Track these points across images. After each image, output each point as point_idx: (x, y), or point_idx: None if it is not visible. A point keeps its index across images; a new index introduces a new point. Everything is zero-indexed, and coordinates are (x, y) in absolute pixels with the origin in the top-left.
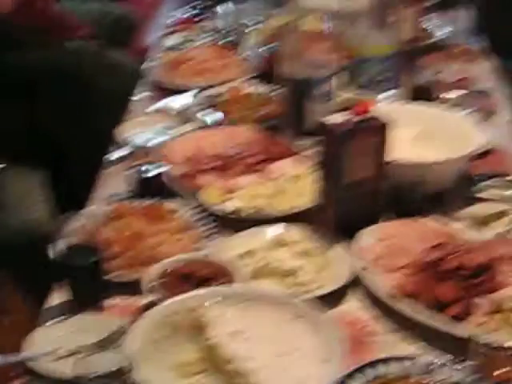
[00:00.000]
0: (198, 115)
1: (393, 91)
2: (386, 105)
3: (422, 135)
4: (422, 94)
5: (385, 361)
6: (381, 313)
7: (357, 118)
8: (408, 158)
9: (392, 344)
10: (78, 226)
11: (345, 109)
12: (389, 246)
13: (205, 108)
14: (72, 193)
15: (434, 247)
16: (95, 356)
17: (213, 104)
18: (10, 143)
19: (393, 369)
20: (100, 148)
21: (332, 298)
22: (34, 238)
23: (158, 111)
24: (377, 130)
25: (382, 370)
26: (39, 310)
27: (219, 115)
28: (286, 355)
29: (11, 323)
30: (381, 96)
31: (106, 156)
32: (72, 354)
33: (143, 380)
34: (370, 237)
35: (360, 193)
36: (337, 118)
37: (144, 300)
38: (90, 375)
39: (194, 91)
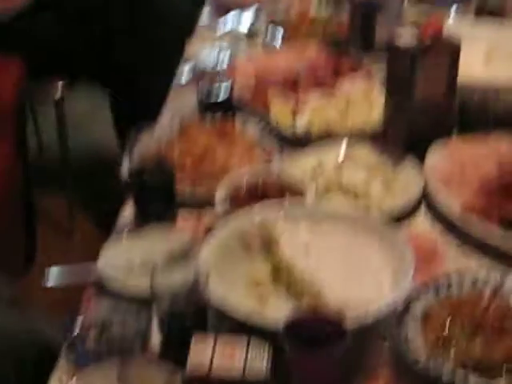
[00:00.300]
0: (265, 34)
1: (464, 7)
2: (457, 21)
3: (494, 54)
4: (495, 10)
5: (453, 277)
6: (449, 230)
7: (428, 36)
8: (479, 77)
9: (460, 261)
10: (148, 143)
11: (415, 25)
12: (458, 163)
13: (271, 27)
14: (140, 111)
15: (503, 166)
16: (167, 270)
17: (279, 23)
18: (75, 61)
19: (460, 285)
20: (168, 66)
21: (401, 214)
22: (99, 158)
23: (225, 30)
24: (448, 47)
25: (450, 286)
26: (108, 227)
27: (285, 34)
28: (355, 271)
29: (80, 241)
30: (453, 12)
31: (175, 74)
32: (144, 268)
33: (214, 293)
34: (439, 154)
35: (430, 110)
36: (407, 36)
37: (214, 215)
38: (162, 289)
39: (258, 8)
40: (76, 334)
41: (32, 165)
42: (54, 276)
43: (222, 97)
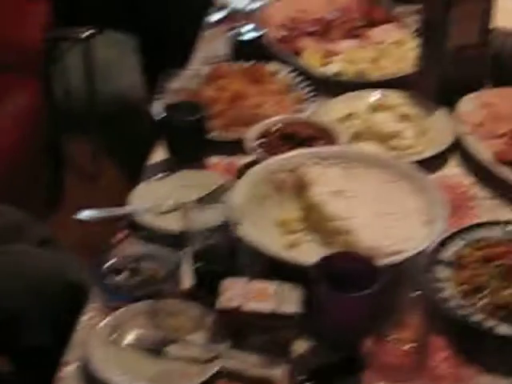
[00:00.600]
0: None
1: None
2: None
3: None
4: None
5: (485, 225)
6: (480, 178)
7: None
8: None
9: (491, 209)
10: (180, 86)
11: None
12: (490, 113)
13: None
14: (170, 57)
15: None
16: (199, 211)
17: None
18: (102, 8)
19: (493, 233)
20: (199, 9)
21: (432, 163)
22: (126, 104)
23: None
24: None
25: (482, 233)
26: (133, 173)
27: None
28: (387, 215)
29: (107, 185)
30: None
31: (206, 18)
32: (175, 208)
33: (246, 235)
34: (471, 103)
35: (463, 59)
36: None
37: (245, 159)
38: (194, 229)
39: None
40: (107, 274)
41: (58, 109)
42: (85, 215)
43: (253, 38)
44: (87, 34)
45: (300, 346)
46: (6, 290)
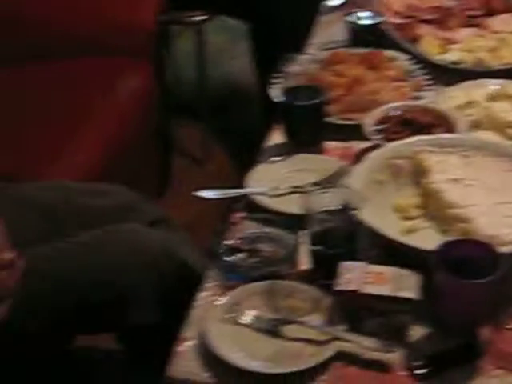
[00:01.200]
0: None
1: None
2: None
3: None
4: None
5: None
6: None
7: None
8: None
9: None
10: (297, 70)
11: None
12: None
13: None
14: (283, 43)
15: None
16: (318, 194)
17: None
18: None
19: None
20: None
21: None
22: (237, 89)
23: None
24: None
25: None
26: (241, 158)
27: None
28: (506, 204)
29: (216, 170)
30: None
31: (322, 3)
32: (293, 191)
33: (365, 219)
34: None
35: None
36: None
37: (363, 144)
38: (312, 212)
39: None
40: (225, 254)
41: (169, 93)
42: (204, 193)
43: (371, 25)
44: (199, 18)
45: (417, 332)
46: (117, 267)
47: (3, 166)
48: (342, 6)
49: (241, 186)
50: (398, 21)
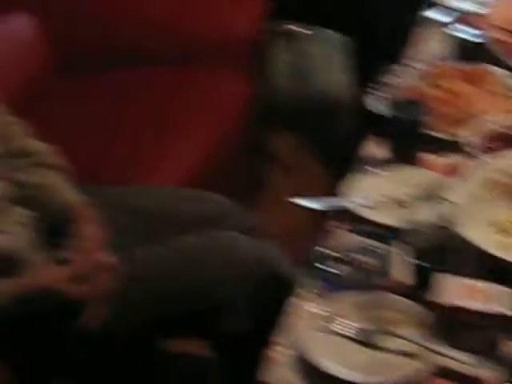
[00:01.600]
0: None
1: None
2: None
3: None
4: None
5: None
6: None
7: None
8: None
9: None
10: (397, 82)
11: None
12: None
13: None
14: (381, 52)
15: None
16: (417, 207)
17: None
18: (318, 8)
19: None
20: (412, 6)
21: None
22: (332, 101)
23: None
24: None
25: None
26: (335, 169)
27: None
28: None
29: (308, 180)
30: None
31: (420, 15)
32: (392, 204)
33: (463, 233)
34: None
35: None
36: None
37: (464, 158)
38: (410, 225)
39: None
40: (320, 262)
41: (264, 102)
42: (301, 202)
43: (475, 40)
44: (297, 29)
45: (510, 347)
46: (214, 279)
47: (112, 174)
48: (443, 20)
49: (334, 196)
50: (503, 36)
